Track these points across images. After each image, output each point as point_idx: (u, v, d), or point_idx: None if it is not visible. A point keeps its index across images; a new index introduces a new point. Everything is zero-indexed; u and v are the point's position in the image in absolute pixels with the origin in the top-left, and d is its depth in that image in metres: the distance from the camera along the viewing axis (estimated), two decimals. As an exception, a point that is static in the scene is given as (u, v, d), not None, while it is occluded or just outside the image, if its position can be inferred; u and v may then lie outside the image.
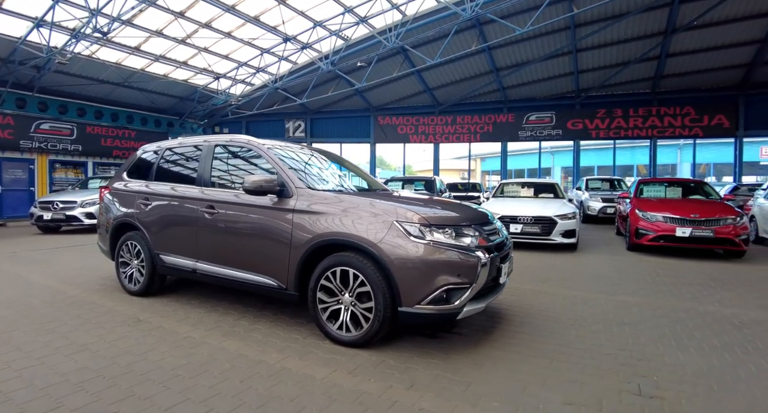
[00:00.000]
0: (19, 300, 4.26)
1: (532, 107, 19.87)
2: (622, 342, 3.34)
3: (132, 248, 4.43)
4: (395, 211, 3.04)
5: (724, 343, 3.37)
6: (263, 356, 2.94)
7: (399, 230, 2.94)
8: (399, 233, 2.93)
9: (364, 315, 3.01)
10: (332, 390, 2.47)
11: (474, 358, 2.98)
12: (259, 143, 3.87)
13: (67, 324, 3.54)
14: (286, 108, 20.47)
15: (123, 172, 4.92)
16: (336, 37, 15.40)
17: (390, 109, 21.45)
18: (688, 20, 14.04)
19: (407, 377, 2.66)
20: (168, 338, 3.25)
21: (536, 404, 2.38)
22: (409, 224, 2.95)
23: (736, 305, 4.47)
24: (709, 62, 16.23)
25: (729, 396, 2.52)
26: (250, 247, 3.55)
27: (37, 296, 4.44)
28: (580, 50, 16.24)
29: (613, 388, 2.59)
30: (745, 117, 17.30)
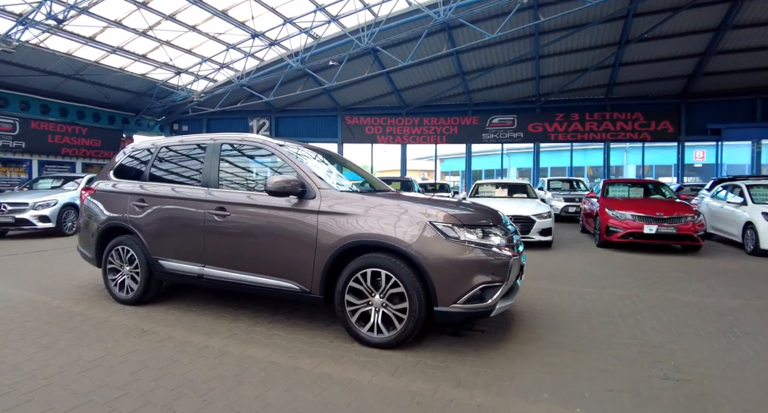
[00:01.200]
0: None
1: (496, 110, 20.56)
2: (630, 332, 3.55)
3: (124, 253, 4.12)
4: (427, 212, 3.05)
5: (716, 330, 3.67)
6: (296, 362, 2.85)
7: (433, 230, 2.96)
8: (433, 233, 2.95)
9: (397, 316, 3.00)
10: (384, 393, 2.44)
11: (504, 354, 3.06)
12: (273, 142, 3.76)
13: (62, 339, 3.23)
14: (250, 106, 19.93)
15: (109, 171, 4.58)
16: (306, 36, 15.18)
17: (357, 109, 21.42)
18: (640, 33, 15.09)
19: (450, 375, 2.69)
20: (185, 349, 3.06)
21: (580, 393, 2.49)
22: (443, 225, 2.98)
23: (711, 295, 4.86)
24: (656, 72, 17.51)
25: (740, 375, 2.76)
26: (269, 250, 3.41)
27: (15, 308, 4.02)
28: (543, 57, 17.00)
29: (641, 374, 2.76)
30: (686, 123, 18.82)
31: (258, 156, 3.90)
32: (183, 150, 4.22)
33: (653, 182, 10.41)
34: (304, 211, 3.30)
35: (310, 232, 3.24)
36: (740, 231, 8.34)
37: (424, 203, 3.21)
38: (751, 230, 7.98)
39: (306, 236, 3.25)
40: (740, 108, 18.06)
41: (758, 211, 7.89)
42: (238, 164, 3.94)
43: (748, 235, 8.09)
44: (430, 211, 3.06)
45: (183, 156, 4.21)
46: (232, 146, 3.94)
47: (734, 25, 14.41)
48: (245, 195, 3.62)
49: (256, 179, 3.84)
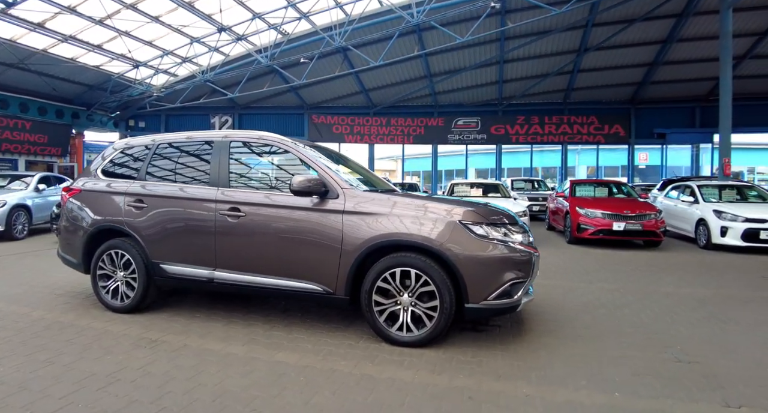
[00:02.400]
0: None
1: (460, 112, 21.08)
2: (631, 322, 3.80)
3: (118, 258, 3.84)
4: (454, 211, 3.11)
5: (702, 316, 4.00)
6: (331, 364, 2.81)
7: (463, 229, 3.02)
8: (463, 232, 3.02)
9: (428, 314, 3.04)
10: (432, 390, 2.47)
11: (528, 346, 3.18)
12: (289, 140, 3.67)
13: (64, 353, 2.96)
14: (212, 102, 19.22)
15: (97, 169, 4.25)
16: (276, 32, 14.86)
17: (324, 108, 21.23)
18: (598, 42, 16.03)
19: (487, 369, 2.77)
20: (207, 357, 2.91)
21: (612, 378, 2.66)
22: (472, 224, 3.05)
23: (685, 286, 5.29)
24: (610, 79, 18.66)
25: (738, 355, 3.04)
26: (289, 252, 3.32)
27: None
28: (507, 61, 17.63)
29: (656, 359, 2.97)
30: (635, 127, 20.18)
31: (272, 155, 3.79)
32: (185, 147, 4.02)
33: (616, 182, 11.11)
34: (328, 211, 3.24)
35: (334, 232, 3.19)
36: (693, 227, 9.09)
37: (447, 202, 3.27)
38: (703, 227, 8.71)
39: (330, 237, 3.20)
40: (682, 114, 19.63)
41: (710, 209, 8.63)
42: (249, 163, 3.81)
43: (700, 231, 8.82)
44: (457, 210, 3.13)
45: (185, 154, 4.00)
46: (243, 144, 3.81)
47: (679, 39, 15.66)
48: (263, 195, 3.49)
49: (272, 179, 3.74)
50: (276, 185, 3.65)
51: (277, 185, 3.63)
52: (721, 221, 8.27)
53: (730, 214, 8.21)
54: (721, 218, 8.28)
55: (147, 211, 3.78)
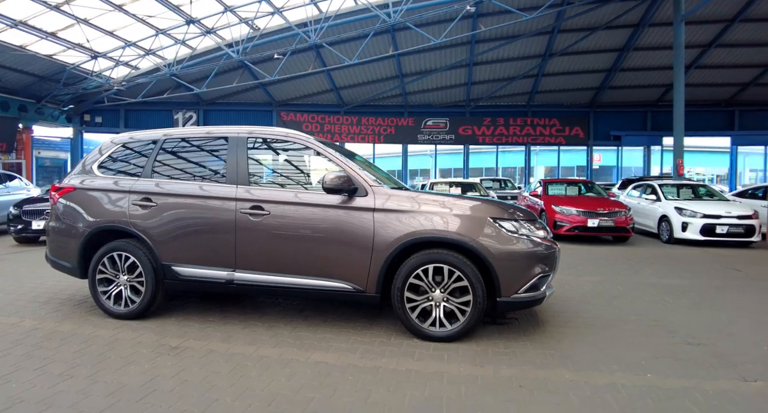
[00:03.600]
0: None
1: (429, 113, 21.44)
2: (630, 310, 4.07)
3: (121, 260, 3.59)
4: (483, 208, 3.21)
5: (689, 304, 4.34)
6: (372, 362, 2.81)
7: (494, 226, 3.12)
8: (495, 229, 3.11)
9: (460, 309, 3.11)
10: (483, 382, 2.54)
11: (552, 336, 3.34)
12: (309, 137, 3.61)
13: (79, 365, 2.76)
14: (175, 97, 18.45)
15: (92, 165, 3.97)
16: (247, 26, 14.48)
17: (294, 105, 20.91)
18: (562, 47, 16.81)
19: (524, 359, 2.88)
20: (241, 361, 2.82)
21: (638, 361, 2.85)
22: (503, 220, 3.16)
23: (663, 277, 5.69)
24: (571, 83, 19.62)
25: (734, 337, 3.34)
26: (317, 250, 3.28)
27: None
28: (476, 64, 18.11)
29: (668, 342, 3.21)
30: (594, 130, 21.33)
31: (292, 152, 3.72)
32: (196, 143, 3.86)
33: (585, 181, 11.71)
34: (358, 208, 3.23)
35: (365, 230, 3.19)
36: (656, 223, 9.75)
37: (473, 199, 3.37)
38: (665, 223, 9.38)
39: (361, 235, 3.20)
40: (635, 118, 20.97)
41: (671, 206, 9.30)
42: (269, 160, 3.73)
43: (663, 226, 9.49)
44: (486, 207, 3.23)
45: (196, 150, 3.86)
46: (262, 141, 3.72)
47: (635, 48, 16.73)
48: (287, 193, 3.41)
49: (294, 176, 3.68)
50: (299, 182, 3.60)
51: (300, 183, 3.58)
52: (681, 218, 8.94)
53: (690, 211, 8.89)
54: (682, 215, 8.95)
55: (156, 210, 3.59)
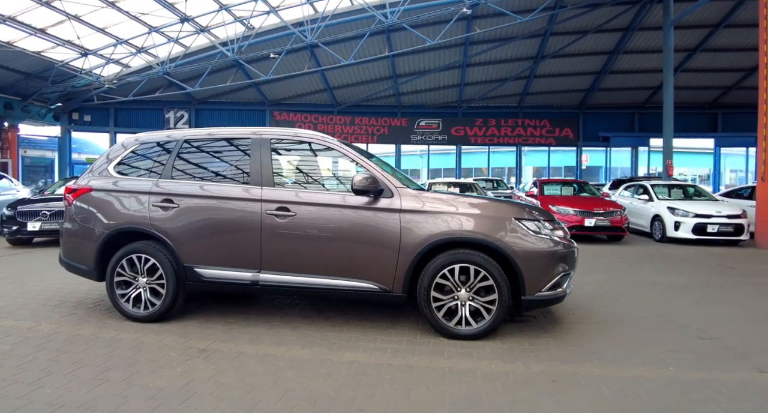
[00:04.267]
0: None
1: (422, 114, 21.56)
2: (639, 307, 4.20)
3: (141, 262, 3.58)
4: (507, 208, 3.31)
5: (692, 300, 4.50)
6: (405, 361, 2.86)
7: (518, 225, 3.22)
8: (520, 229, 3.21)
9: (486, 308, 3.19)
10: (516, 378, 2.63)
11: (572, 332, 3.45)
12: (332, 139, 3.66)
13: (110, 369, 2.72)
14: (166, 96, 18.23)
15: (108, 166, 3.93)
16: (242, 25, 14.39)
17: (287, 105, 20.83)
18: (554, 50, 17.09)
19: (549, 355, 2.98)
20: (275, 362, 2.83)
21: (657, 355, 2.98)
22: (526, 220, 3.26)
23: (663, 274, 5.88)
24: (562, 85, 19.94)
25: (743, 332, 3.50)
26: (344, 251, 3.32)
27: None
28: (469, 65, 18.28)
29: (681, 337, 3.35)
30: (583, 131, 21.71)
31: (316, 153, 3.75)
32: (217, 144, 3.87)
33: (579, 181, 11.95)
34: (384, 209, 3.29)
35: (392, 231, 3.25)
36: (649, 223, 10.02)
37: (495, 200, 3.46)
38: (658, 222, 9.64)
39: (388, 235, 3.25)
40: (623, 120, 21.40)
41: (664, 206, 9.57)
42: (292, 161, 3.76)
43: (656, 226, 9.75)
44: (510, 207, 3.33)
45: (217, 151, 3.87)
46: (286, 142, 3.73)
47: (624, 51, 17.09)
48: (313, 194, 3.45)
49: (318, 177, 3.72)
50: (323, 183, 3.64)
51: (324, 184, 3.62)
52: (674, 217, 9.21)
53: (682, 210, 9.16)
54: (675, 215, 9.22)
55: (178, 212, 3.58)
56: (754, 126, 19.18)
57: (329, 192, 3.49)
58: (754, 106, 17.62)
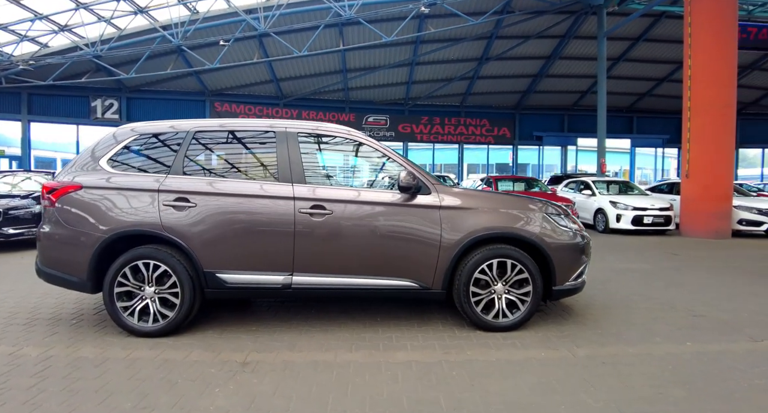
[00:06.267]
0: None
1: (370, 110, 21.64)
2: (627, 292, 4.63)
3: (149, 270, 3.21)
4: (538, 205, 3.48)
5: (665, 284, 5.05)
6: (459, 356, 2.90)
7: (549, 221, 3.41)
8: (550, 223, 3.40)
9: (521, 300, 3.35)
10: (570, 363, 2.80)
11: (589, 318, 3.73)
12: (361, 133, 3.58)
13: (148, 394, 2.40)
14: (92, 82, 16.41)
15: (99, 160, 3.43)
16: (186, 9, 13.39)
17: (229, 95, 19.77)
18: (498, 53, 18.00)
19: (584, 340, 3.20)
20: (332, 369, 2.72)
21: (670, 333, 3.36)
22: (555, 215, 3.46)
23: (629, 262, 6.49)
24: (502, 86, 21.09)
25: (725, 308, 4.02)
26: (383, 250, 3.26)
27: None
28: (418, 64, 18.66)
29: (677, 316, 3.78)
30: (519, 130, 23.15)
31: (346, 148, 3.64)
32: (234, 137, 3.56)
33: (529, 178, 12.78)
34: (424, 206, 3.29)
35: (432, 228, 3.27)
36: (592, 216, 11.00)
37: (524, 197, 3.63)
38: (601, 215, 10.63)
39: (429, 232, 3.26)
40: (554, 120, 23.17)
41: (606, 200, 10.57)
42: (322, 157, 3.60)
43: (599, 218, 10.74)
44: (539, 204, 3.52)
45: (235, 144, 3.59)
46: (315, 137, 3.57)
47: (560, 56, 18.48)
48: (353, 192, 3.35)
49: (350, 174, 3.62)
50: (355, 180, 3.56)
51: (356, 181, 3.55)
52: (616, 210, 10.20)
53: (623, 204, 10.19)
54: (616, 208, 10.22)
55: (196, 212, 3.25)
56: (662, 129, 21.69)
57: (366, 189, 3.44)
58: (663, 111, 19.90)
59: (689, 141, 9.96)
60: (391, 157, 3.50)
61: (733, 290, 4.79)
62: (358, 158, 3.66)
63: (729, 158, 9.82)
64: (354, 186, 3.50)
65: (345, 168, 3.71)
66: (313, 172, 3.50)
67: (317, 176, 3.51)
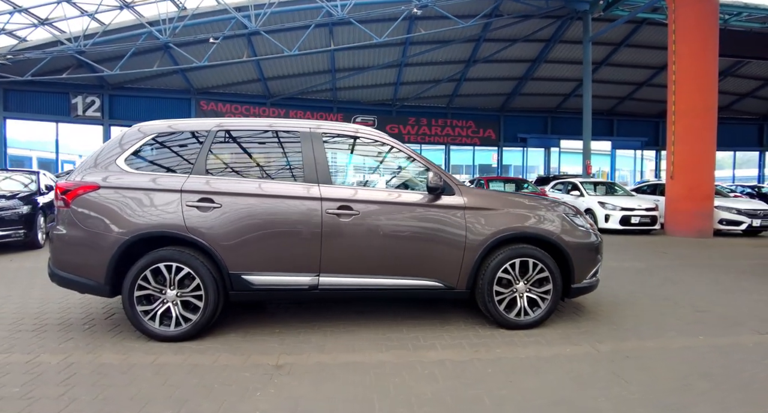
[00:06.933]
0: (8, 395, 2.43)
1: (358, 110, 21.64)
2: (628, 289, 4.79)
3: (171, 272, 3.15)
4: (557, 205, 3.59)
5: (661, 281, 5.25)
6: (489, 354, 2.95)
7: (568, 221, 3.52)
8: (569, 223, 3.51)
9: (542, 298, 3.44)
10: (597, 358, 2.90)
11: (603, 314, 3.86)
12: (385, 134, 3.62)
13: (188, 400, 2.34)
14: (73, 79, 15.92)
15: (115, 159, 3.33)
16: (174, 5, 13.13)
17: (215, 94, 19.45)
18: (485, 55, 18.27)
19: (602, 336, 3.31)
20: (369, 370, 2.71)
21: (681, 327, 3.52)
22: (573, 216, 3.58)
23: (623, 261, 6.70)
24: (488, 88, 21.40)
25: (723, 303, 4.21)
26: (410, 250, 3.29)
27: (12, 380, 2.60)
28: (407, 65, 18.77)
29: (682, 312, 3.95)
30: (503, 132, 23.52)
31: (370, 149, 3.67)
32: (258, 137, 3.53)
33: (519, 179, 13.03)
34: (449, 207, 3.35)
35: (458, 228, 3.32)
36: (580, 216, 11.30)
37: (542, 197, 3.74)
38: (590, 215, 10.91)
39: (454, 233, 3.32)
40: (538, 123, 23.64)
41: (595, 201, 10.87)
42: (346, 158, 3.62)
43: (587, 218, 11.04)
44: (557, 204, 3.62)
45: (259, 144, 3.55)
46: (338, 137, 3.58)
47: (545, 60, 18.89)
48: (380, 192, 3.37)
49: (375, 175, 3.65)
50: (380, 180, 3.60)
51: (382, 181, 3.58)
52: (604, 210, 10.51)
53: (611, 204, 10.50)
54: (605, 208, 10.53)
55: (222, 212, 3.20)
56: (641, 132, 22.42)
57: (393, 189, 3.46)
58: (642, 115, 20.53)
59: (674, 144, 10.34)
60: (414, 157, 3.54)
61: (724, 286, 5.02)
62: (383, 158, 3.68)
63: (711, 160, 10.25)
64: (379, 187, 3.53)
65: (370, 169, 3.74)
66: (339, 172, 3.51)
67: (342, 177, 3.52)
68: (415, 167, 3.56)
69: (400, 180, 3.69)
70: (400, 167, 3.67)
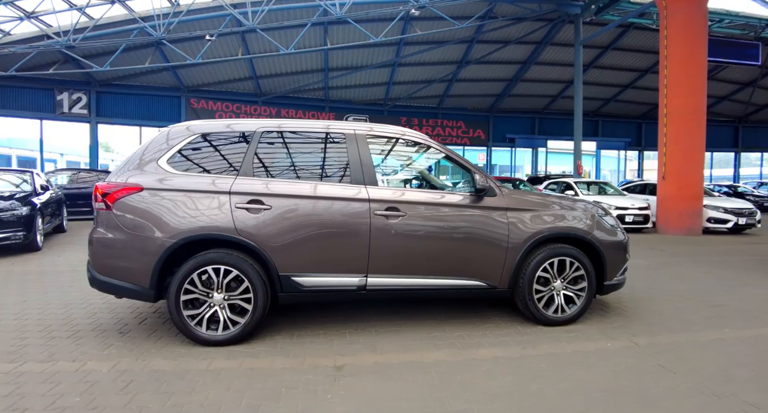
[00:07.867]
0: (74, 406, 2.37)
1: (350, 109, 21.61)
2: (643, 286, 4.99)
3: (220, 275, 3.12)
4: (588, 205, 3.74)
5: (670, 277, 5.49)
6: (536, 351, 3.05)
7: (601, 220, 3.68)
8: (602, 223, 3.67)
9: (577, 295, 3.57)
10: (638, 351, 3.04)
11: (626, 310, 4.03)
12: (427, 137, 3.70)
13: (256, 407, 2.35)
14: (59, 75, 15.44)
15: (158, 160, 3.27)
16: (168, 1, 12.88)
17: (206, 91, 19.14)
18: (477, 57, 18.50)
19: (635, 331, 3.46)
20: (432, 369, 2.77)
21: (704, 321, 3.72)
22: (604, 216, 3.74)
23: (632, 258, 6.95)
24: (478, 89, 21.67)
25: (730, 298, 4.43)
26: (455, 250, 3.37)
27: (54, 389, 2.52)
28: (400, 65, 18.85)
29: (699, 306, 4.15)
30: (492, 132, 23.85)
31: (414, 151, 3.74)
32: (302, 138, 3.56)
33: (516, 179, 13.26)
34: (492, 208, 3.44)
35: (501, 229, 3.43)
36: (575, 215, 11.61)
37: (576, 198, 3.88)
38: (585, 214, 11.24)
39: (497, 233, 3.42)
40: (526, 123, 24.07)
41: (589, 200, 11.17)
42: (389, 160, 3.68)
43: (582, 217, 11.35)
44: (590, 205, 3.77)
45: (304, 145, 3.57)
46: (383, 139, 3.63)
47: (536, 62, 19.24)
48: (425, 194, 3.44)
49: (419, 176, 3.72)
50: (423, 182, 3.67)
51: (425, 182, 3.66)
52: (599, 210, 10.83)
53: (606, 204, 10.81)
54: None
55: (272, 214, 3.20)
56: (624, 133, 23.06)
57: (438, 191, 3.54)
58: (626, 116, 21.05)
59: (665, 145, 10.71)
60: (456, 159, 3.63)
61: (730, 282, 5.26)
62: (426, 160, 3.76)
63: (700, 161, 10.65)
64: (423, 188, 3.60)
65: (414, 170, 3.80)
66: (384, 174, 3.57)
67: (388, 178, 3.58)
68: (457, 168, 3.65)
69: (442, 181, 3.77)
70: (443, 168, 3.76)
